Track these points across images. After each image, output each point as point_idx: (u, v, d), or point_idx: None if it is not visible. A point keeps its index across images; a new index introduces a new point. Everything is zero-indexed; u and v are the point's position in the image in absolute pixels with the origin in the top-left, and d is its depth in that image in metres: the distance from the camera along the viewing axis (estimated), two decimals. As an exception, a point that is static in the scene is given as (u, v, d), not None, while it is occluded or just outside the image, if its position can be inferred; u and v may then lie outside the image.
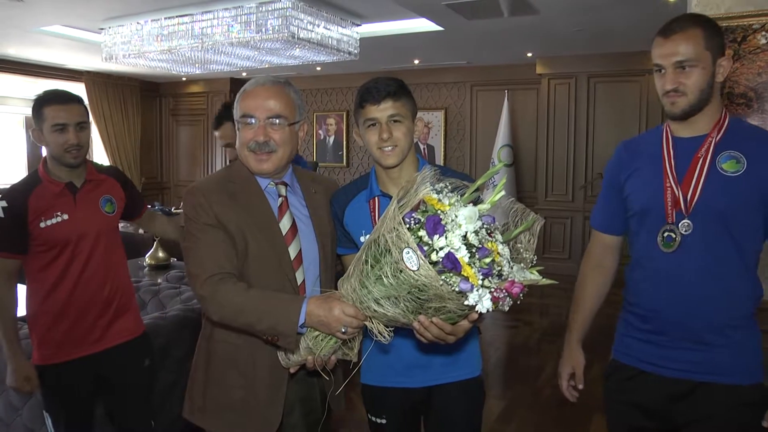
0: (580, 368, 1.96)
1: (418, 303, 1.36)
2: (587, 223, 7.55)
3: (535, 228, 1.49)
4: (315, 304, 1.52)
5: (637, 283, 1.82)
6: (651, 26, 2.01)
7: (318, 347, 1.56)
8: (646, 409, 1.79)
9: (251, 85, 1.75)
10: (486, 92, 8.41)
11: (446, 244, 1.29)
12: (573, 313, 2.01)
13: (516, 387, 4.28)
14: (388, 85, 1.75)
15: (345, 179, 9.37)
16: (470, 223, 1.32)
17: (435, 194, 1.37)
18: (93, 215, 2.28)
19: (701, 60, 1.64)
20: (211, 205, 1.66)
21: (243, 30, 5.17)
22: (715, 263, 1.67)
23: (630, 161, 1.84)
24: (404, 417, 1.92)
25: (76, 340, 2.24)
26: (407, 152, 1.80)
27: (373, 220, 1.82)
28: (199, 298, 1.63)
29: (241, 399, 1.72)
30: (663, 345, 1.74)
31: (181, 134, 10.69)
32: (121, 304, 2.35)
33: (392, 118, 1.75)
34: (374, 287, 1.39)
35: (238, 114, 1.73)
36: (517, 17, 5.36)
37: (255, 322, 1.56)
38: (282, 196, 1.78)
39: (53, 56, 7.95)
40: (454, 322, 1.42)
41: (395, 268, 1.32)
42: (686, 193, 1.68)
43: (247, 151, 1.72)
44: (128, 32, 5.80)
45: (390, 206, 1.39)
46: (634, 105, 7.32)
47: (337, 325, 1.49)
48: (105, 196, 2.34)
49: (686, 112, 1.68)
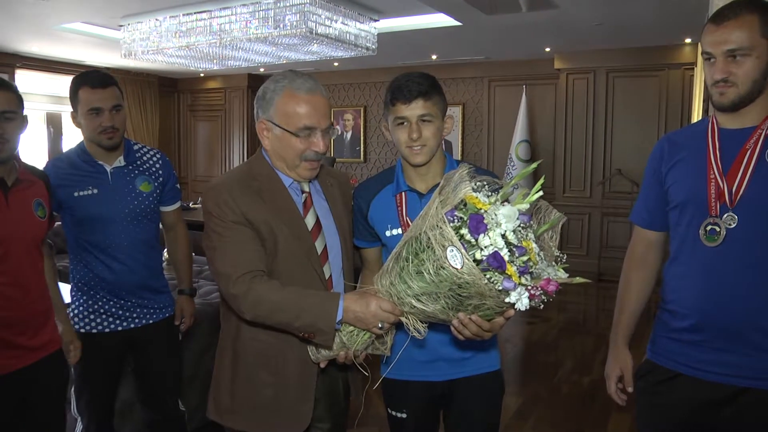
0: (628, 370, 1.88)
1: (457, 300, 1.37)
2: (605, 220, 7.51)
3: (558, 225, 1.49)
4: (352, 300, 1.52)
5: (676, 279, 1.73)
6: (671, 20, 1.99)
7: (352, 342, 1.57)
8: (680, 415, 1.70)
9: (302, 90, 1.66)
10: (504, 87, 8.36)
11: (491, 243, 1.30)
12: (618, 314, 1.93)
13: (533, 384, 4.26)
14: (419, 83, 1.73)
15: (362, 175, 9.38)
16: (510, 221, 1.33)
17: (475, 193, 1.37)
18: (27, 219, 1.98)
19: (755, 48, 1.54)
20: (237, 202, 1.63)
21: (261, 26, 5.18)
22: (763, 259, 1.57)
23: (672, 153, 1.76)
24: (424, 411, 1.92)
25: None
26: (436, 151, 1.79)
27: (400, 214, 1.82)
28: (231, 297, 1.60)
29: (272, 396, 1.71)
30: (702, 346, 1.65)
31: (199, 130, 10.76)
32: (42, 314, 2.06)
33: (422, 118, 1.74)
34: (414, 283, 1.40)
35: (294, 124, 1.65)
36: (536, 11, 5.31)
37: (292, 319, 1.55)
38: (305, 192, 1.77)
39: (73, 53, 8.03)
40: (490, 318, 1.44)
41: (437, 265, 1.33)
42: (731, 186, 1.60)
43: (299, 160, 1.68)
44: (147, 29, 5.84)
45: (431, 203, 1.39)
46: (653, 100, 7.23)
47: (374, 321, 1.50)
48: (36, 198, 2.04)
49: (735, 104, 1.59)
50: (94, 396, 2.35)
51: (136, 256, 2.33)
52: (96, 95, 2.22)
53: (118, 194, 2.30)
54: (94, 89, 2.22)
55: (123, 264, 2.30)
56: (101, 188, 2.28)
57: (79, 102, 2.24)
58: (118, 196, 2.30)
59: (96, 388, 2.34)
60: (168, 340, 2.48)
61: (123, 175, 2.33)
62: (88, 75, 2.28)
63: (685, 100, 6.96)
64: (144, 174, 2.38)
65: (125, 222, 2.30)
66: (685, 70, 6.95)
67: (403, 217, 1.82)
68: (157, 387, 2.47)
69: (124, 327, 2.34)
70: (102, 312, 2.31)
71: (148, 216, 2.38)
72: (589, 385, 4.21)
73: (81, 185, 2.26)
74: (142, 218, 2.35)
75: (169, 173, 2.48)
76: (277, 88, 1.67)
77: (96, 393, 2.35)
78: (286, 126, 1.66)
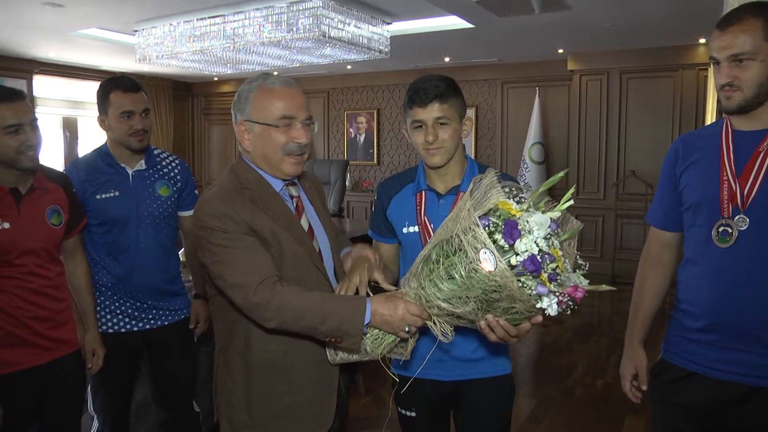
0: (642, 369, 1.90)
1: (487, 303, 1.38)
2: (619, 222, 7.47)
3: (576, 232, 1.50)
4: (379, 303, 1.51)
5: (689, 279, 1.75)
6: (684, 20, 1.98)
7: (376, 346, 1.56)
8: (693, 413, 1.72)
9: (277, 84, 1.67)
10: (517, 89, 8.34)
11: (527, 248, 1.32)
12: (633, 313, 1.95)
13: (547, 386, 4.25)
14: (436, 86, 1.75)
15: (376, 177, 9.40)
16: (542, 229, 1.35)
17: (507, 199, 1.39)
18: (39, 227, 2.02)
19: (760, 53, 1.56)
20: (239, 213, 1.59)
21: (274, 30, 5.20)
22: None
23: (687, 154, 1.78)
24: (434, 411, 1.93)
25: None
26: (453, 152, 1.82)
27: (418, 213, 1.86)
28: (253, 306, 1.54)
29: (290, 404, 1.68)
30: (716, 346, 1.67)
31: (213, 133, 10.84)
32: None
33: (438, 121, 1.77)
34: (445, 285, 1.40)
35: (272, 115, 1.64)
36: (548, 13, 5.30)
37: (318, 324, 1.51)
38: (295, 196, 1.76)
39: (90, 59, 8.13)
40: (517, 323, 1.44)
41: (470, 267, 1.34)
42: (743, 188, 1.62)
43: (283, 153, 1.65)
44: (161, 33, 5.89)
45: (463, 206, 1.41)
46: (667, 101, 7.18)
47: (401, 324, 1.49)
48: (52, 206, 2.08)
49: (742, 107, 1.62)
50: (108, 395, 2.38)
51: (154, 258, 2.36)
52: (128, 98, 2.28)
53: (139, 197, 2.34)
54: (126, 93, 2.28)
55: (141, 266, 2.33)
56: (123, 191, 2.32)
57: (111, 105, 2.29)
58: (138, 199, 2.34)
59: (111, 388, 2.37)
60: (182, 342, 2.50)
61: (144, 178, 2.37)
62: (120, 79, 2.34)
63: (700, 101, 6.90)
64: (163, 178, 2.42)
65: (144, 225, 2.33)
66: (700, 70, 6.89)
67: (421, 216, 1.85)
68: (171, 388, 2.50)
69: (140, 328, 2.37)
70: (118, 312, 2.34)
71: (166, 220, 2.41)
72: (602, 387, 4.19)
73: (103, 188, 2.30)
74: (161, 222, 2.39)
75: (187, 179, 2.51)
76: (252, 88, 1.68)
77: (111, 392, 2.38)
78: (265, 120, 1.64)
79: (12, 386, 1.98)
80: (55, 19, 5.77)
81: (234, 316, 1.66)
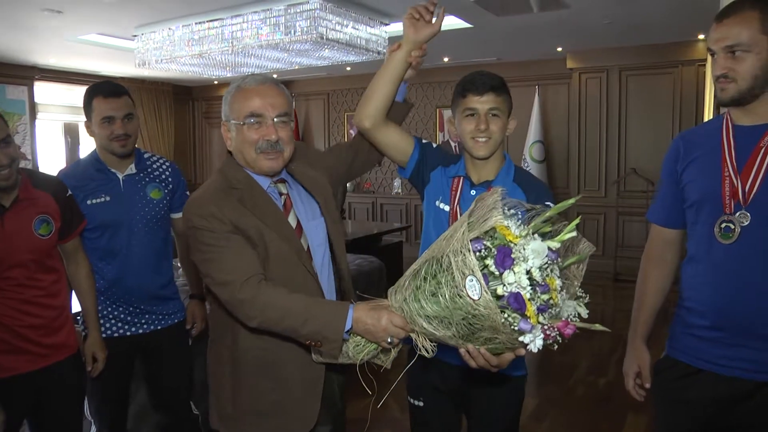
0: (646, 367, 1.90)
1: (469, 330, 1.33)
2: (620, 219, 7.46)
3: (586, 257, 1.45)
4: (363, 312, 1.50)
5: (692, 276, 1.75)
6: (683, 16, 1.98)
7: (357, 353, 1.56)
8: (699, 410, 1.71)
9: (250, 83, 1.70)
10: (517, 88, 8.24)
11: (515, 281, 1.26)
12: (636, 311, 1.95)
13: (549, 385, 4.25)
14: (492, 78, 1.82)
15: (377, 178, 9.41)
16: (538, 258, 1.30)
17: (506, 221, 1.33)
18: (25, 240, 1.98)
19: (755, 45, 1.55)
20: (225, 212, 1.62)
21: (272, 32, 5.21)
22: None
23: (688, 151, 1.77)
24: (442, 401, 1.95)
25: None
26: (498, 146, 1.86)
27: (452, 196, 1.90)
28: (238, 302, 1.57)
29: (277, 401, 1.71)
30: (720, 342, 1.66)
31: (214, 137, 10.84)
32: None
33: (491, 111, 1.82)
34: (428, 305, 1.36)
35: (242, 114, 1.68)
36: (547, 12, 5.31)
37: (299, 326, 1.53)
38: (283, 194, 1.77)
39: (90, 64, 8.16)
40: (500, 352, 1.41)
41: (454, 292, 1.29)
42: (745, 184, 1.62)
43: (255, 152, 1.68)
44: (160, 38, 5.91)
45: (459, 227, 1.35)
46: (667, 98, 7.17)
47: (384, 335, 1.48)
48: (39, 216, 2.03)
49: (736, 100, 1.61)
50: (104, 400, 2.38)
51: (147, 262, 2.36)
52: (109, 104, 2.28)
53: (130, 201, 2.34)
54: (106, 99, 2.29)
55: (133, 270, 2.33)
56: (113, 195, 2.32)
57: (93, 111, 2.29)
58: (129, 203, 2.34)
59: (106, 393, 2.37)
60: (178, 345, 2.51)
61: (134, 182, 2.37)
62: (101, 85, 2.34)
63: (699, 97, 6.88)
64: (154, 181, 2.42)
65: (136, 229, 2.33)
66: (699, 66, 6.88)
67: (454, 201, 1.89)
68: (168, 391, 2.50)
69: (133, 332, 2.37)
70: (111, 317, 2.34)
71: (159, 223, 2.41)
72: (604, 386, 4.19)
73: (94, 193, 2.30)
74: (153, 225, 2.39)
75: (178, 181, 2.52)
76: (231, 89, 1.73)
77: (105, 397, 2.38)
78: (237, 119, 1.69)
79: (10, 391, 1.98)
80: (55, 25, 5.80)
81: (223, 312, 1.69)
